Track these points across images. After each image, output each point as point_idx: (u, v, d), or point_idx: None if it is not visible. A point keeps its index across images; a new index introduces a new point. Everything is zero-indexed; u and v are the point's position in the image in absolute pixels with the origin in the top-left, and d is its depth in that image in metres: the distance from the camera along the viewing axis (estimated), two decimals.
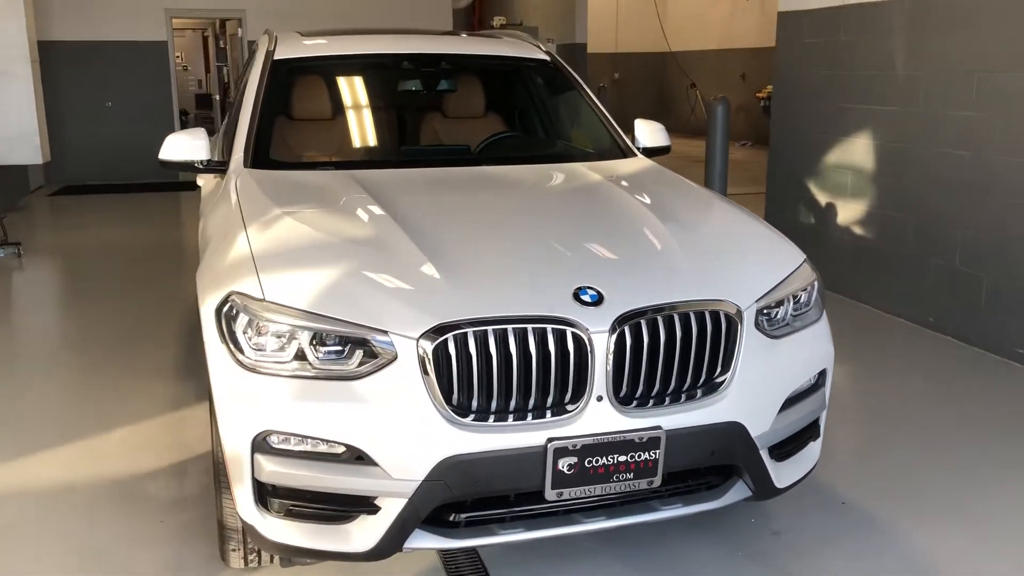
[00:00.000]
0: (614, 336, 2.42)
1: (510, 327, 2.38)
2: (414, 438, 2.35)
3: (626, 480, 2.46)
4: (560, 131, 4.51)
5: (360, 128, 4.33)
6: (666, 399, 2.52)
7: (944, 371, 4.89)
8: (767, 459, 2.70)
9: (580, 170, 3.75)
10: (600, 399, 2.43)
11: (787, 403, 2.72)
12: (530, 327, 2.39)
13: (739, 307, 2.61)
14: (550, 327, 2.40)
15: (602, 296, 2.49)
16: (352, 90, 4.40)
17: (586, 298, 2.48)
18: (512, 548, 3.05)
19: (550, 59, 4.45)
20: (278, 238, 2.82)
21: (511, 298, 2.48)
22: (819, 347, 2.88)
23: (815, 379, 2.87)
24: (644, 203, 3.25)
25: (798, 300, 2.83)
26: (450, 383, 2.37)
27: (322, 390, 2.39)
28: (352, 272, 2.58)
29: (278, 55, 4.09)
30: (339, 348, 2.42)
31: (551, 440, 2.38)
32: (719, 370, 2.58)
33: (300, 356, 2.42)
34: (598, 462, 2.42)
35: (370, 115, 4.35)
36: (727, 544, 3.12)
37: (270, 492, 2.46)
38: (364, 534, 2.43)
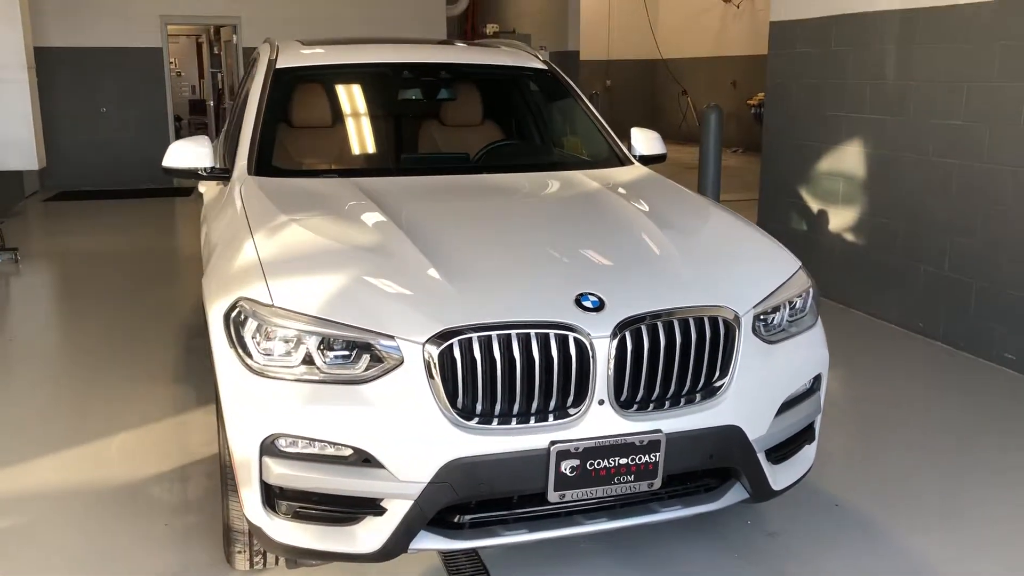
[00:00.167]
0: (615, 341, 2.48)
1: (514, 332, 2.44)
2: (420, 441, 2.40)
3: (627, 482, 2.52)
4: (558, 139, 4.57)
5: (362, 136, 4.38)
6: (666, 403, 2.57)
7: (934, 376, 4.96)
8: (764, 462, 2.76)
9: (578, 178, 3.81)
10: (602, 403, 2.48)
11: (783, 407, 2.77)
12: (533, 332, 2.45)
13: (737, 313, 2.66)
14: (553, 332, 2.45)
15: (603, 302, 2.54)
16: (354, 99, 4.45)
17: (588, 304, 2.53)
18: (512, 548, 3.09)
19: (547, 68, 4.51)
20: (285, 244, 2.87)
21: (515, 304, 2.53)
22: (814, 352, 2.94)
23: (810, 383, 2.93)
24: (642, 210, 3.31)
25: (794, 306, 2.90)
26: (455, 387, 2.42)
27: (330, 394, 2.44)
28: (358, 278, 2.63)
29: (280, 64, 4.13)
30: (346, 353, 2.47)
31: (554, 443, 2.43)
32: (717, 374, 2.63)
33: (308, 360, 2.47)
34: (600, 464, 2.47)
35: (372, 123, 4.40)
36: (723, 545, 3.17)
37: (278, 494, 2.51)
38: (370, 535, 2.47)
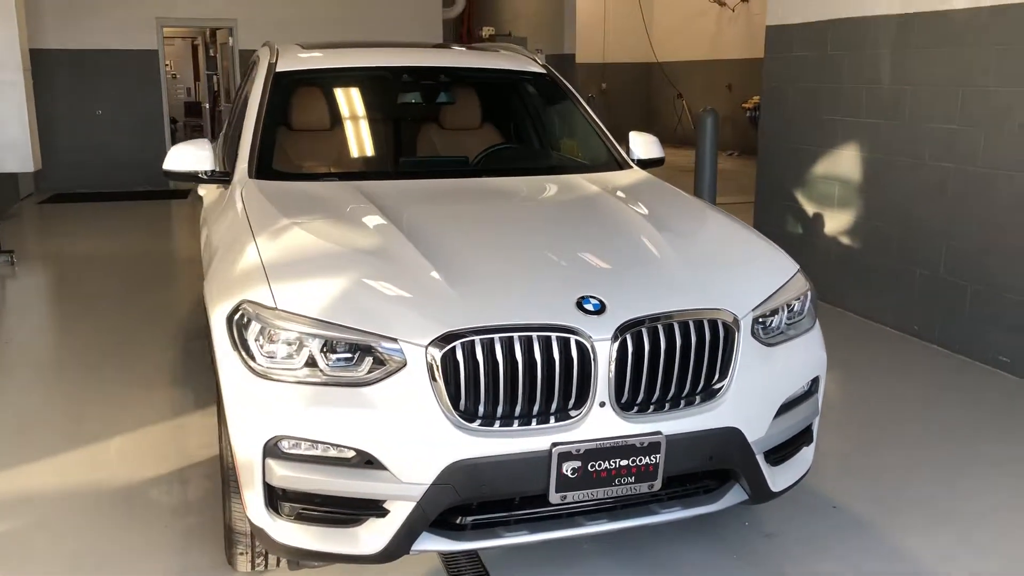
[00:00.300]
0: (616, 344, 2.50)
1: (516, 335, 2.45)
2: (423, 443, 2.42)
3: (627, 484, 2.54)
4: (557, 143, 4.60)
5: (362, 140, 4.39)
6: (666, 405, 2.59)
7: (929, 378, 4.99)
8: (763, 463, 2.78)
9: (577, 181, 3.83)
10: (603, 405, 2.50)
11: (782, 409, 2.80)
12: (535, 335, 2.46)
13: (736, 316, 2.69)
14: (554, 335, 2.47)
15: (604, 305, 2.56)
16: (354, 103, 4.46)
17: (589, 307, 2.55)
18: (513, 549, 3.11)
19: (546, 72, 4.53)
20: (287, 248, 2.88)
21: (517, 307, 2.55)
22: (812, 355, 2.97)
23: (808, 386, 2.96)
24: (642, 214, 3.33)
25: (792, 309, 2.92)
26: (457, 389, 2.44)
27: (333, 396, 2.45)
28: (361, 281, 2.65)
29: (280, 67, 4.15)
30: (349, 355, 2.48)
31: (555, 445, 2.45)
32: (717, 377, 2.66)
33: (311, 363, 2.48)
34: (601, 466, 2.49)
35: (372, 127, 4.42)
36: (722, 547, 3.19)
37: (280, 496, 2.52)
38: (373, 537, 2.49)
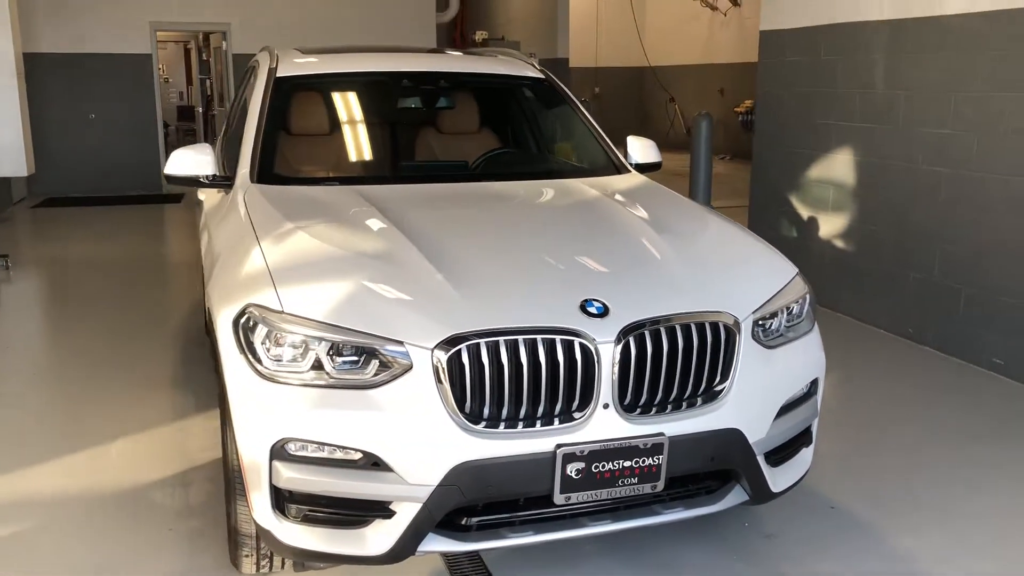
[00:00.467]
0: (619, 346, 2.53)
1: (520, 338, 2.48)
2: (429, 444, 2.44)
3: (631, 484, 2.56)
4: (555, 148, 4.63)
5: (364, 144, 4.41)
6: (668, 406, 2.62)
7: (925, 380, 5.03)
8: (764, 464, 2.81)
9: (577, 186, 3.86)
10: (606, 407, 2.53)
11: (782, 410, 2.83)
12: (540, 338, 2.49)
13: (737, 318, 2.72)
14: (559, 338, 2.50)
15: (607, 308, 2.59)
16: (354, 107, 4.48)
17: (592, 310, 2.58)
18: (514, 550, 3.13)
19: (544, 77, 4.56)
20: (292, 251, 2.90)
21: (521, 310, 2.57)
22: (811, 357, 3.00)
23: (807, 387, 2.99)
24: (642, 217, 3.36)
25: (791, 312, 2.95)
26: (463, 391, 2.46)
27: (339, 398, 2.47)
28: (366, 285, 2.67)
29: (281, 72, 4.17)
30: (355, 358, 2.50)
31: (560, 446, 2.48)
32: (718, 379, 2.69)
33: (317, 366, 2.50)
34: (605, 467, 2.52)
35: (373, 132, 4.44)
36: (724, 547, 3.22)
37: (287, 498, 2.53)
38: (379, 538, 2.51)
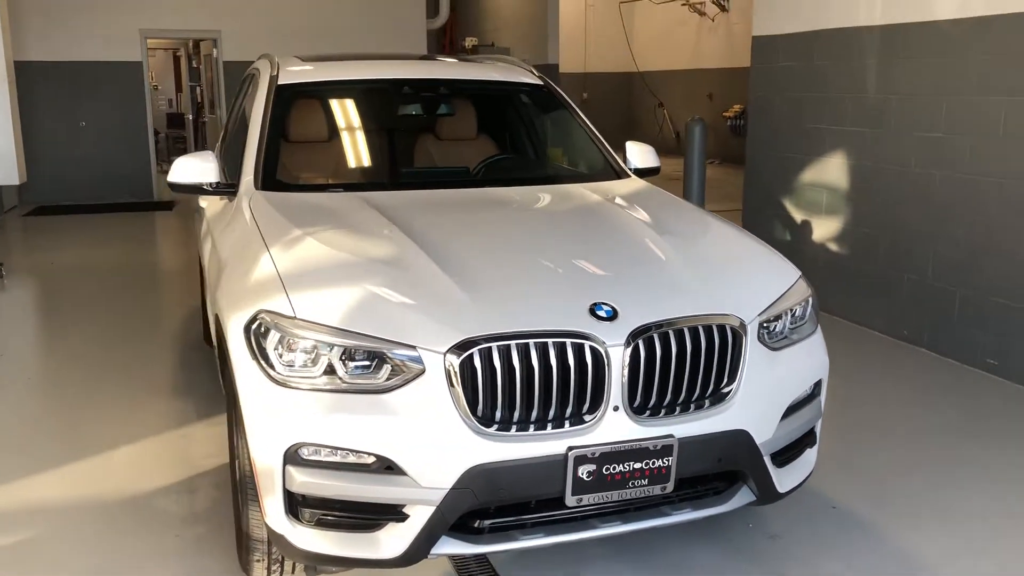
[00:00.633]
0: (629, 349, 2.56)
1: (532, 341, 2.51)
2: (442, 448, 2.46)
3: (641, 486, 2.59)
4: (555, 153, 4.66)
5: (367, 151, 4.43)
6: (677, 408, 2.65)
7: (921, 381, 5.08)
8: (770, 465, 2.85)
9: (578, 190, 3.90)
10: (616, 409, 2.56)
11: (787, 412, 2.87)
12: (550, 341, 2.52)
13: (743, 320, 2.76)
14: (569, 341, 2.53)
15: (616, 311, 2.62)
16: (356, 114, 4.51)
17: (602, 313, 2.61)
18: (522, 552, 3.15)
19: (543, 83, 4.59)
20: (302, 257, 2.92)
21: (531, 314, 2.60)
22: (815, 358, 3.05)
23: (812, 389, 3.03)
24: (645, 221, 3.40)
25: (795, 314, 3.00)
26: (475, 395, 2.48)
27: (352, 403, 2.49)
28: (377, 290, 2.69)
29: (282, 80, 4.18)
30: (368, 363, 2.52)
31: (571, 448, 2.50)
32: (726, 381, 2.72)
33: (330, 371, 2.52)
34: (615, 469, 2.55)
35: (375, 138, 4.46)
36: (727, 548, 3.26)
37: (301, 502, 2.55)
38: (393, 541, 2.52)
